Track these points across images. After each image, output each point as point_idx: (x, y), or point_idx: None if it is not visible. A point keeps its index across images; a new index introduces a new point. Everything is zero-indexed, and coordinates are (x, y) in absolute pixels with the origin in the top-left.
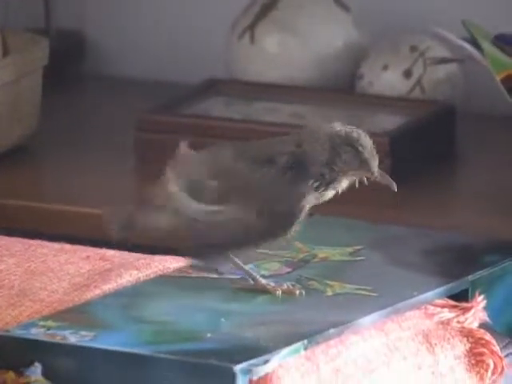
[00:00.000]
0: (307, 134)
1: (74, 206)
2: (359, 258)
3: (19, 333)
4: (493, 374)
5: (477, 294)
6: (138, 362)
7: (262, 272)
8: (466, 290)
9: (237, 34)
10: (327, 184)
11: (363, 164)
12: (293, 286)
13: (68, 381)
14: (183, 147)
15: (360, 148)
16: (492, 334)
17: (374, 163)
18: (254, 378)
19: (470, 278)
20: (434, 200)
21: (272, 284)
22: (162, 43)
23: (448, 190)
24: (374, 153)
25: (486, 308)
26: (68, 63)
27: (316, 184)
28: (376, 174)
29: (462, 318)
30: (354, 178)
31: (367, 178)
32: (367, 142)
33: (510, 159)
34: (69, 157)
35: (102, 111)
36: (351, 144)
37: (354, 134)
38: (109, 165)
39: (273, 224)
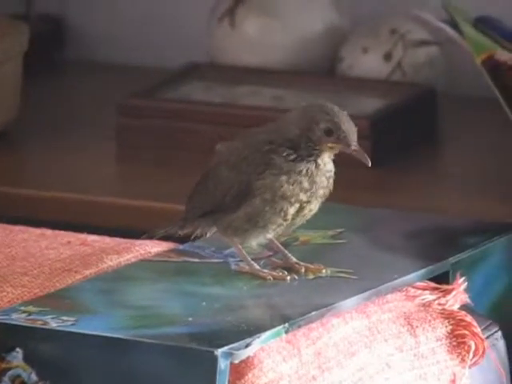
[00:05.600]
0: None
1: (55, 191)
2: (340, 241)
3: (0, 318)
4: (474, 355)
5: (458, 275)
6: (120, 346)
7: None
8: (447, 272)
9: (217, 18)
10: (305, 155)
11: (341, 135)
12: (282, 272)
13: (49, 366)
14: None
15: (337, 119)
16: (473, 316)
17: (353, 136)
18: (235, 361)
19: (451, 260)
20: (414, 182)
21: (264, 270)
22: (142, 28)
23: (429, 172)
24: (353, 127)
25: (467, 290)
26: (48, 49)
27: (292, 156)
28: (353, 147)
29: (443, 300)
30: (332, 150)
31: (344, 151)
32: (344, 115)
33: (490, 141)
34: (50, 142)
35: (83, 96)
36: (328, 113)
37: (330, 106)
38: (90, 150)
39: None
